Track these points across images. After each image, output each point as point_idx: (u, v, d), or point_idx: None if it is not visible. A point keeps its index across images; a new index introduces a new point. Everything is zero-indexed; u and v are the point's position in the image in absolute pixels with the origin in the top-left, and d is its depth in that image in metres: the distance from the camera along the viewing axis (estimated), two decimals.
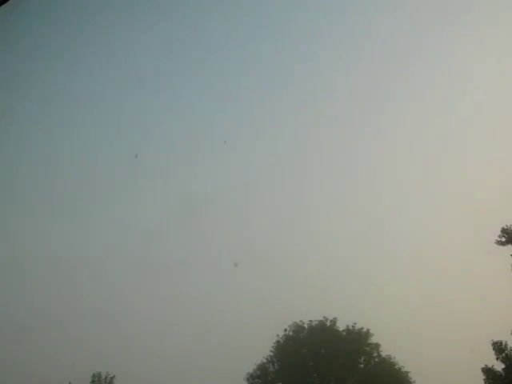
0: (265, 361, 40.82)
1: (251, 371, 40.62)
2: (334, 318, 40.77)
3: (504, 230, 30.31)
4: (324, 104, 62.29)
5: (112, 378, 39.76)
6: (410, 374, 39.39)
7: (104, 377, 39.69)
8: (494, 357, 29.53)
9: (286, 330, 41.05)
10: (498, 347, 29.40)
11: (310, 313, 41.05)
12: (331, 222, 56.24)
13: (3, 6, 4.68)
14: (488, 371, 29.68)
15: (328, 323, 40.81)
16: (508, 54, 55.53)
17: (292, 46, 62.68)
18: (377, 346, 40.05)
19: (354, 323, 40.50)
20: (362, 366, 39.83)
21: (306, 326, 40.99)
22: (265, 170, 61.13)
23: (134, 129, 61.24)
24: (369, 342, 40.12)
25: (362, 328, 40.35)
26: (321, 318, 40.92)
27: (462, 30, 57.40)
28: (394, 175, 61.17)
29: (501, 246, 30.33)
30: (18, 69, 49.43)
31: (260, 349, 40.47)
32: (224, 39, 61.36)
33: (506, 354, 29.26)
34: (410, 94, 62.66)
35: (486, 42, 57.27)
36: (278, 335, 40.99)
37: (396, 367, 39.54)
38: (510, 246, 30.25)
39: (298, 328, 40.93)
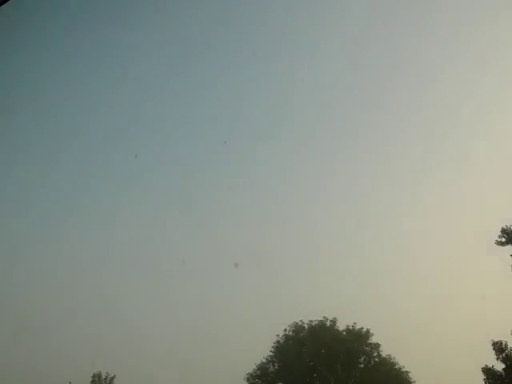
0: (265, 361, 40.79)
1: (251, 371, 40.59)
2: (334, 318, 40.73)
3: (504, 231, 30.25)
4: (324, 104, 62.35)
5: (112, 378, 39.73)
6: (410, 374, 39.38)
7: (104, 377, 39.67)
8: (494, 357, 29.50)
9: (285, 329, 41.05)
10: (498, 347, 29.36)
11: (310, 313, 41.10)
12: (331, 221, 56.27)
13: (3, 6, 4.68)
14: (488, 371, 29.64)
15: (328, 323, 40.76)
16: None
17: (292, 46, 62.70)
18: (377, 345, 40.02)
19: (354, 323, 40.51)
20: (362, 365, 39.80)
21: (305, 326, 40.95)
22: (265, 169, 61.14)
23: (134, 129, 61.30)
24: (369, 341, 40.08)
25: (362, 328, 40.31)
26: (321, 318, 40.88)
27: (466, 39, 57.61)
28: (393, 175, 61.21)
29: (500, 247, 30.27)
30: (18, 68, 49.47)
31: (260, 349, 40.51)
32: (224, 39, 61.33)
33: (506, 354, 29.22)
34: (410, 92, 62.75)
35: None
36: (277, 335, 41.01)
37: (396, 367, 39.50)
38: (509, 246, 30.20)
39: (298, 328, 40.89)
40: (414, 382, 39.28)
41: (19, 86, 51.68)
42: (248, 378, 40.55)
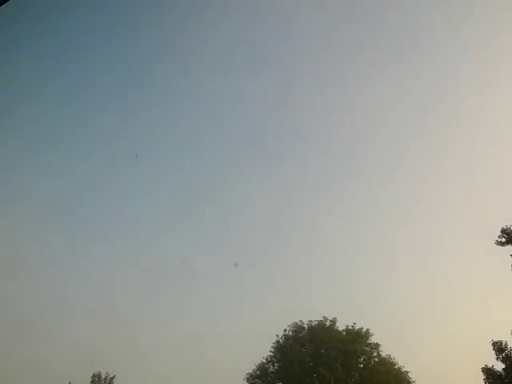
0: (264, 361, 40.72)
1: (251, 371, 40.54)
2: (334, 318, 40.67)
3: (504, 231, 30.18)
4: (323, 104, 62.35)
5: (112, 378, 39.70)
6: (409, 374, 39.34)
7: (104, 377, 39.63)
8: (494, 357, 29.48)
9: (285, 330, 40.98)
10: (498, 347, 29.32)
11: (310, 313, 41.07)
12: (331, 221, 56.30)
13: (3, 6, 4.68)
14: (488, 371, 29.61)
15: (328, 323, 40.70)
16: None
17: (294, 46, 62.70)
18: (377, 345, 39.96)
19: (354, 323, 40.47)
20: (361, 365, 39.73)
21: (305, 326, 40.88)
22: (265, 169, 61.16)
23: (134, 129, 61.26)
24: (369, 341, 40.00)
25: (362, 328, 40.28)
26: (321, 318, 40.83)
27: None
28: (393, 175, 61.22)
29: (500, 247, 30.22)
30: (18, 68, 49.44)
31: (260, 349, 40.47)
32: (225, 39, 61.36)
33: (506, 354, 29.18)
34: (410, 93, 62.74)
35: None
36: (277, 335, 40.92)
37: (396, 367, 39.43)
38: (509, 246, 30.15)
39: (297, 328, 40.83)
40: (414, 381, 39.26)
41: (19, 85, 51.65)
42: (248, 378, 40.49)
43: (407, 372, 39.30)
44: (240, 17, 60.67)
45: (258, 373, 40.37)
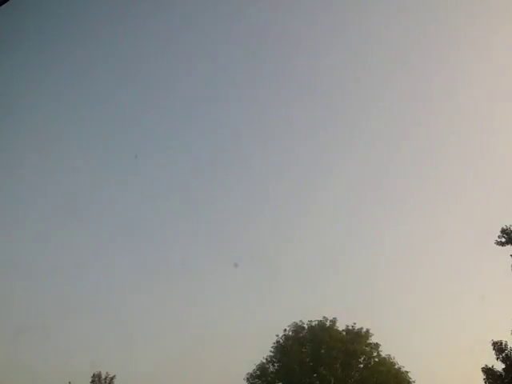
0: (264, 361, 40.72)
1: (251, 371, 40.54)
2: (334, 318, 40.67)
3: (504, 231, 30.20)
4: (324, 103, 62.38)
5: (112, 378, 39.72)
6: (409, 374, 39.34)
7: (104, 377, 39.65)
8: (494, 357, 29.49)
9: (285, 330, 40.98)
10: (498, 347, 29.34)
11: (310, 313, 41.08)
12: (332, 222, 56.31)
13: (3, 6, 4.67)
14: (488, 371, 29.62)
15: (328, 323, 40.70)
16: None
17: (293, 46, 62.71)
18: (377, 345, 39.95)
19: (354, 323, 40.46)
20: (361, 365, 39.73)
21: (305, 325, 40.88)
22: (265, 169, 61.18)
23: (134, 129, 61.29)
24: (369, 341, 40.00)
25: (362, 328, 40.27)
26: (321, 318, 40.83)
27: None
28: (392, 174, 61.26)
29: (500, 247, 30.23)
30: (18, 68, 49.43)
31: (260, 349, 40.49)
32: (225, 38, 61.38)
33: (506, 354, 29.20)
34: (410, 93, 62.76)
35: None
36: (277, 335, 40.92)
37: (396, 367, 39.43)
38: (509, 246, 30.17)
39: (297, 328, 40.82)
40: (414, 381, 39.26)
41: (19, 85, 51.64)
42: (248, 378, 40.48)
43: (407, 372, 39.31)
44: (241, 15, 60.68)
45: (258, 373, 40.36)
